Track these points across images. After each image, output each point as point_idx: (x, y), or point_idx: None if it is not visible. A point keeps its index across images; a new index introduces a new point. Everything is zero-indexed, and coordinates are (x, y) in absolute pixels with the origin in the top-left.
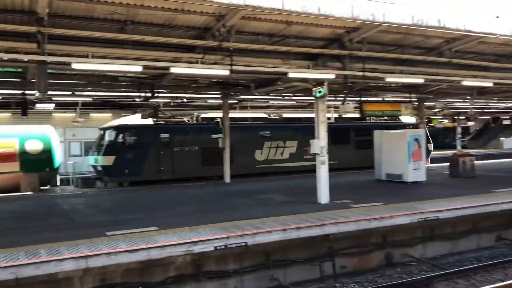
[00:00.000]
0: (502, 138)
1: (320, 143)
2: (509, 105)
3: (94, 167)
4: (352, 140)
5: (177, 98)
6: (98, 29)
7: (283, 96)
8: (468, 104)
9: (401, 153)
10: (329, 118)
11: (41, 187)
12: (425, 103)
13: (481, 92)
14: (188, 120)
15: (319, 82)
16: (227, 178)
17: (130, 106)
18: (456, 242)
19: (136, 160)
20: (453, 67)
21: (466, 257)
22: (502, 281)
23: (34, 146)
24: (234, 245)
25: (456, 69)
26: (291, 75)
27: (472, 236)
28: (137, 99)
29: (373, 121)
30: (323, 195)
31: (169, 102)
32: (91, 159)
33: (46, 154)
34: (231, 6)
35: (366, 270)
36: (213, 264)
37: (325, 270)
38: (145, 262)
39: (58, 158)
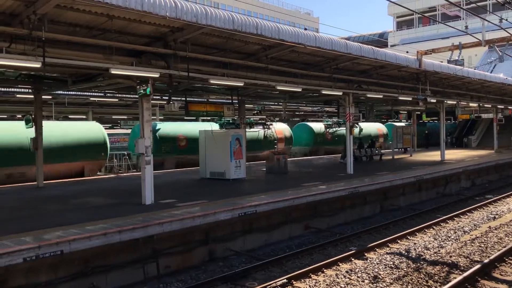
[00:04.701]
0: None
1: (145, 143)
2: (315, 109)
3: None
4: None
5: None
6: None
7: (105, 93)
8: (282, 106)
9: (223, 152)
10: None
11: None
12: (245, 105)
13: (292, 96)
14: None
15: (143, 80)
16: (41, 182)
17: None
18: (271, 233)
19: None
20: (269, 73)
21: (279, 246)
22: (309, 265)
23: None
24: (47, 255)
25: (272, 74)
26: (113, 71)
27: (285, 227)
28: None
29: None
30: (148, 196)
31: None
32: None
33: None
34: None
35: (189, 267)
36: (21, 278)
37: (148, 271)
38: None
39: None
